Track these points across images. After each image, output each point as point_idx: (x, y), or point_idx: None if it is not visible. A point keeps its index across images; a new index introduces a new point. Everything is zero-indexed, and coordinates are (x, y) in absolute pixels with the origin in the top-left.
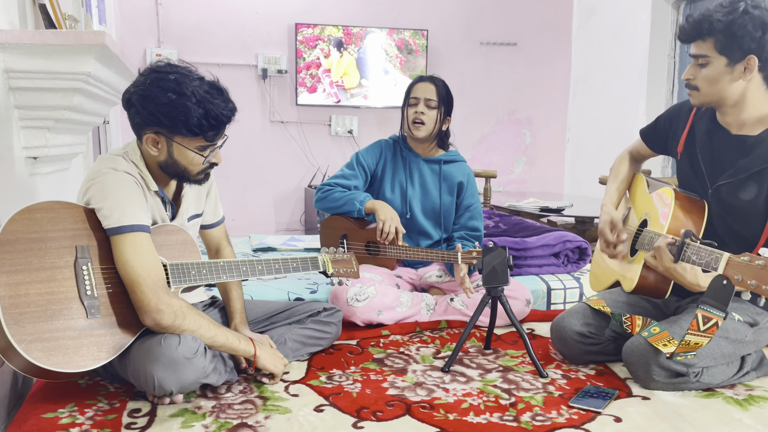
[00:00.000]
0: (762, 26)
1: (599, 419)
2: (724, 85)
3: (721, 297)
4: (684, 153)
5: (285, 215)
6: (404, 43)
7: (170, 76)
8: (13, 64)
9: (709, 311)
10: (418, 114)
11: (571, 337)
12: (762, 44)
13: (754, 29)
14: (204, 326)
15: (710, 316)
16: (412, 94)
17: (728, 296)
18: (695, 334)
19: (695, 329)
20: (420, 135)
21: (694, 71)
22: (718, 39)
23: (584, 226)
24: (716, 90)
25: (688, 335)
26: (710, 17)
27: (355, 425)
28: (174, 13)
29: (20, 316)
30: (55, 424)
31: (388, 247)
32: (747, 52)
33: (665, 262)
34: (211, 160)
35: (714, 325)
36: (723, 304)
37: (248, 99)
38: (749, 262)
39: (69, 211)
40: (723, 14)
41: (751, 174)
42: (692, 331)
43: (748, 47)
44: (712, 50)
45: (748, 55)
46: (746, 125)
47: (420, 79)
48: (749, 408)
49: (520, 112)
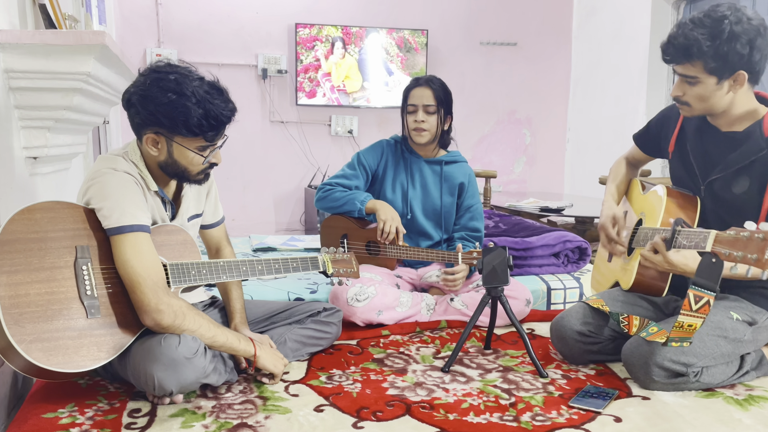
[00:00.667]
0: (749, 42)
1: (599, 419)
2: (715, 101)
3: (710, 275)
4: (675, 152)
5: (285, 215)
6: (404, 41)
7: (170, 76)
8: (13, 64)
9: (700, 290)
10: (419, 122)
11: (570, 336)
12: (750, 59)
13: (741, 47)
14: (204, 326)
15: (701, 295)
16: (410, 101)
17: (718, 274)
18: (688, 315)
19: (687, 309)
20: (422, 141)
21: (683, 88)
22: (707, 62)
23: (584, 226)
24: (707, 105)
25: (681, 316)
26: (698, 42)
27: (355, 425)
28: (174, 13)
29: (20, 316)
30: (55, 424)
31: (389, 247)
32: (736, 69)
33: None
34: (211, 160)
35: (706, 304)
36: (713, 282)
37: (248, 99)
38: (735, 236)
39: (69, 211)
40: (709, 37)
41: (742, 167)
42: (685, 312)
43: (737, 65)
44: (702, 72)
45: (737, 71)
46: (735, 123)
47: (416, 83)
48: (749, 408)
49: (520, 112)
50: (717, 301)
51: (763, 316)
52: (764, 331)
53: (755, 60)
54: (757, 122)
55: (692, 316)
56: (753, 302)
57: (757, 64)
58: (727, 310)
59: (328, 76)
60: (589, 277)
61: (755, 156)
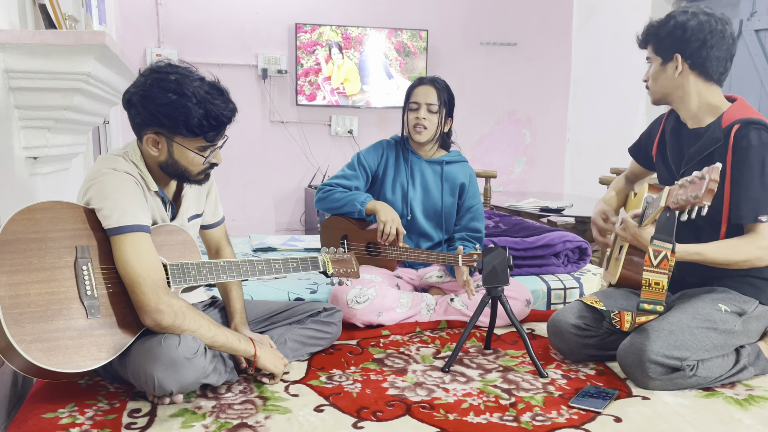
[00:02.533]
0: (682, 27)
1: (599, 419)
2: (663, 82)
3: (666, 229)
4: (657, 154)
5: (285, 215)
6: (402, 45)
7: (171, 76)
8: (13, 64)
9: (658, 245)
10: (420, 119)
11: (567, 330)
12: (683, 43)
13: (674, 30)
14: (204, 326)
15: (660, 249)
16: (413, 99)
17: (672, 226)
18: (650, 270)
19: (649, 264)
20: (422, 139)
21: (647, 72)
22: (652, 42)
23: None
24: (659, 87)
25: (645, 272)
26: (650, 26)
27: (355, 425)
28: (174, 13)
29: (20, 316)
30: (55, 424)
31: (389, 248)
32: (673, 51)
33: (631, 229)
34: (211, 160)
35: (664, 258)
36: (668, 235)
37: (248, 99)
38: (681, 184)
39: (69, 211)
40: (657, 22)
41: (703, 158)
42: (647, 267)
43: (673, 47)
44: (652, 53)
45: (674, 54)
46: (698, 118)
47: (420, 81)
48: (749, 408)
49: (520, 112)
50: (705, 294)
51: (752, 305)
52: (754, 321)
53: (692, 46)
54: (719, 117)
55: (655, 272)
56: (741, 291)
57: (696, 51)
58: (715, 302)
59: (328, 80)
60: (589, 278)
61: (713, 147)
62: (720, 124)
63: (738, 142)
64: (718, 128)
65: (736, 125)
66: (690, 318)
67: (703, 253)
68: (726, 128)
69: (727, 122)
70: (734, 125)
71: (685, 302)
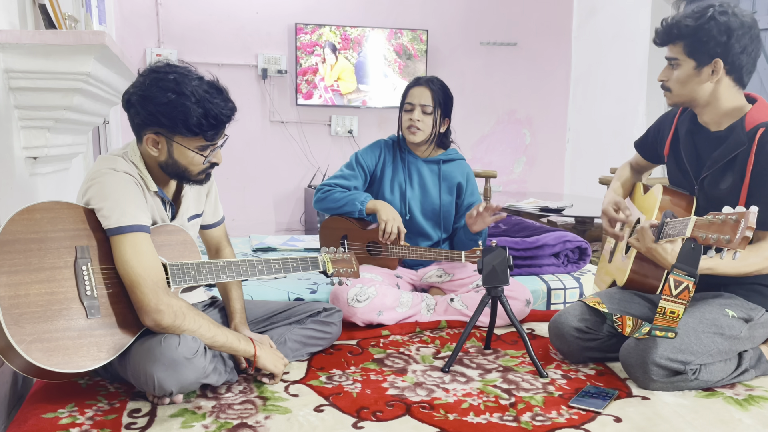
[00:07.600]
0: (727, 31)
1: (599, 419)
2: (694, 86)
3: (690, 260)
4: (670, 155)
5: (285, 215)
6: (403, 48)
7: (169, 76)
8: (13, 64)
9: (680, 276)
10: (413, 121)
11: (568, 332)
12: (727, 48)
13: (719, 34)
14: (204, 326)
15: (681, 281)
16: (408, 99)
17: (697, 258)
18: (668, 300)
19: (668, 294)
20: (416, 140)
21: (667, 73)
22: (686, 43)
23: (584, 226)
24: (687, 91)
25: (662, 301)
26: (680, 22)
27: (355, 425)
28: (174, 13)
29: (20, 316)
30: (55, 424)
31: (390, 247)
32: (713, 56)
33: (647, 242)
34: (211, 159)
35: (685, 290)
36: (692, 267)
37: (248, 99)
38: (711, 219)
39: (69, 212)
40: (692, 20)
41: (726, 163)
42: (666, 297)
43: (714, 51)
44: (682, 53)
45: (714, 59)
46: (721, 121)
47: (416, 82)
48: (749, 408)
49: (520, 112)
50: (712, 299)
51: (758, 312)
52: (760, 327)
53: (734, 51)
54: (741, 119)
55: (673, 302)
56: (748, 299)
57: (737, 56)
58: (722, 307)
59: (323, 80)
60: (589, 278)
61: (737, 151)
62: (743, 126)
63: (762, 147)
64: (742, 131)
65: (761, 129)
66: (696, 322)
67: (715, 268)
68: (750, 131)
69: (751, 125)
70: (759, 129)
71: (692, 306)
